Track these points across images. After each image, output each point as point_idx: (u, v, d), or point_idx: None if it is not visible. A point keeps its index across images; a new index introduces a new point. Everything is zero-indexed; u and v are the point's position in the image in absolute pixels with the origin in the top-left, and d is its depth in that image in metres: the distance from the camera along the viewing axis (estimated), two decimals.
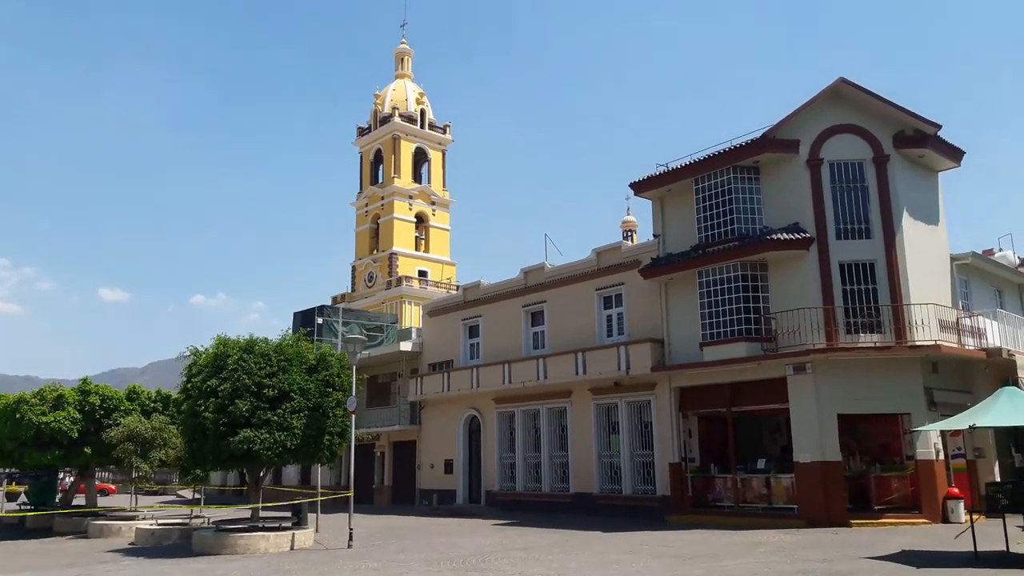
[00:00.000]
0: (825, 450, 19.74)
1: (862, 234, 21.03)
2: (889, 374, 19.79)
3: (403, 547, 18.01)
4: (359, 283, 55.17)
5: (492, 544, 17.94)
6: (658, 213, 24.73)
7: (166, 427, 24.76)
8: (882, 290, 20.49)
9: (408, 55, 59.79)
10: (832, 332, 20.08)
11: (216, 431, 18.13)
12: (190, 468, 20.92)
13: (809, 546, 15.69)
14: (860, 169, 21.38)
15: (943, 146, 21.96)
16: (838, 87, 21.40)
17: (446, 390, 30.91)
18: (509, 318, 29.87)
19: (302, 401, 18.92)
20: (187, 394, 19.75)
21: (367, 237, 55.83)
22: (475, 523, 23.98)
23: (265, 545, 18.03)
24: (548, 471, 27.51)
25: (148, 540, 20.75)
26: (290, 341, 20.31)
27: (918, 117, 21.12)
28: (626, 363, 24.12)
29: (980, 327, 21.58)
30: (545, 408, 27.84)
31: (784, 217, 21.47)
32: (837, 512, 19.25)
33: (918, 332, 19.85)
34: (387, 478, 35.38)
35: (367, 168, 57.40)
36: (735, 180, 22.08)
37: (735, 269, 21.51)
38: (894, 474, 20.52)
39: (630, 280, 25.33)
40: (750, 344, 21.09)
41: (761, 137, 21.60)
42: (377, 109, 57.17)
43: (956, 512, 18.98)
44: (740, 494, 21.64)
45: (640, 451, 24.78)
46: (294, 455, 19.15)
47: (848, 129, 21.48)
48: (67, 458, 25.99)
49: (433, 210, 56.04)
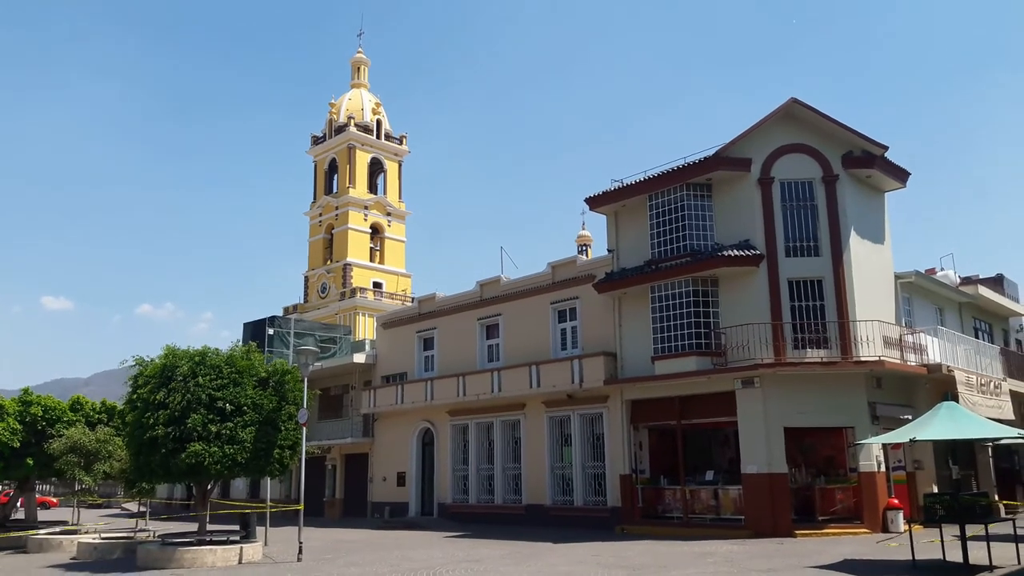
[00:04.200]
0: (772, 462, 20.12)
1: (811, 252, 21.54)
2: (835, 389, 20.29)
3: (353, 560, 17.86)
4: (312, 294, 54.67)
5: (444, 556, 17.91)
6: (612, 228, 25.02)
7: (111, 439, 24.21)
8: (829, 306, 21.00)
9: (365, 64, 59.63)
10: (780, 347, 20.52)
11: (166, 444, 17.79)
12: (136, 481, 20.48)
13: (755, 556, 15.98)
14: (810, 188, 21.92)
15: (890, 167, 22.62)
16: (790, 107, 21.92)
17: (400, 402, 30.77)
18: (464, 331, 29.88)
19: (254, 415, 18.68)
20: (132, 405, 19.33)
21: (320, 247, 55.39)
22: (428, 536, 23.88)
23: (212, 559, 17.72)
24: (501, 483, 27.54)
25: (91, 555, 20.22)
26: (241, 353, 20.03)
27: (866, 138, 21.73)
28: (579, 376, 24.32)
29: (922, 343, 22.23)
30: (499, 420, 27.89)
31: (735, 234, 21.89)
32: (783, 523, 19.63)
33: (863, 348, 20.39)
34: (339, 491, 35.02)
35: (321, 177, 57.00)
36: (688, 197, 22.47)
37: (687, 284, 21.86)
38: (838, 486, 21.01)
39: (584, 294, 25.57)
40: (700, 358, 21.43)
41: (714, 155, 22.02)
42: (332, 118, 56.88)
43: (896, 522, 19.50)
44: (689, 505, 21.93)
45: (592, 463, 24.96)
46: (244, 468, 18.87)
47: (799, 149, 21.99)
48: (6, 470, 25.26)
49: (388, 221, 55.87)
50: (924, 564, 13.55)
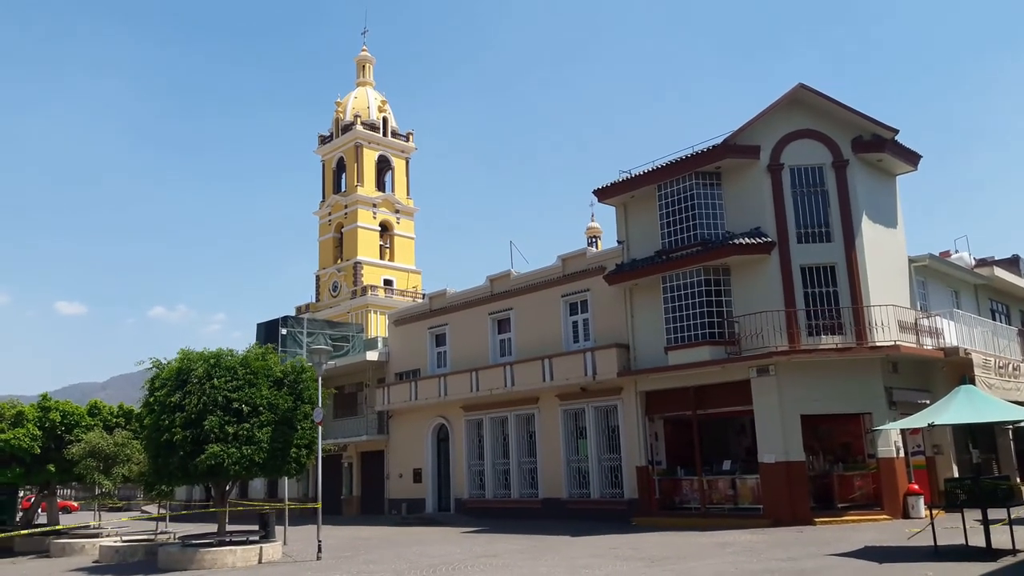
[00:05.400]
0: (789, 450, 20.04)
1: (822, 238, 21.42)
2: (850, 375, 20.17)
3: (372, 558, 17.91)
4: (324, 293, 54.81)
5: (462, 552, 17.93)
6: (622, 219, 24.94)
7: (129, 442, 24.34)
8: (843, 292, 20.88)
9: (370, 62, 59.64)
10: (794, 334, 20.41)
11: (184, 447, 17.88)
12: (155, 484, 20.59)
13: (775, 545, 15.91)
14: (820, 174, 21.78)
15: (900, 150, 22.44)
16: (797, 93, 21.78)
17: (413, 399, 30.82)
18: (476, 326, 29.88)
19: (270, 415, 18.75)
20: (150, 408, 19.42)
21: (331, 246, 55.51)
22: (445, 531, 23.92)
23: (233, 559, 17.81)
24: (517, 477, 27.55)
25: (113, 558, 20.38)
26: (256, 354, 20.09)
27: (875, 122, 21.57)
28: (592, 368, 24.28)
29: (938, 327, 22.07)
30: (513, 415, 27.90)
31: (746, 222, 21.78)
32: (801, 511, 19.56)
33: (878, 333, 20.26)
34: (355, 489, 35.15)
35: (329, 177, 57.09)
36: (697, 186, 22.37)
37: (698, 274, 21.77)
38: (856, 472, 20.92)
39: (595, 286, 25.51)
40: (714, 347, 21.36)
41: (722, 143, 21.90)
42: (339, 117, 56.92)
43: (916, 508, 19.40)
44: (706, 496, 21.88)
45: (607, 455, 24.94)
46: (262, 469, 18.94)
47: (808, 134, 21.85)
48: (28, 476, 25.46)
49: (397, 218, 55.91)
50: (946, 549, 13.44)
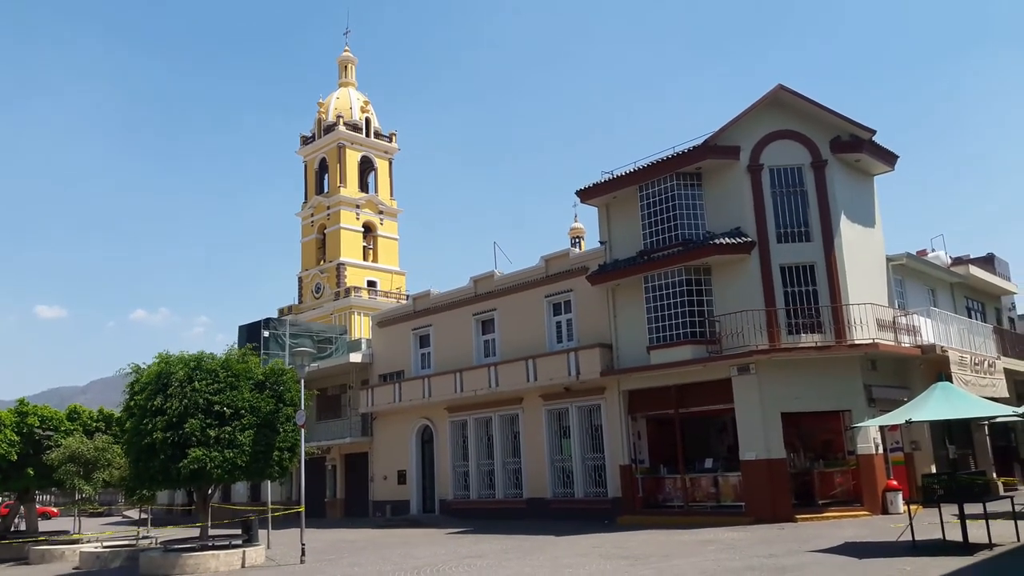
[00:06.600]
0: (770, 448, 20.21)
1: (802, 237, 21.60)
2: (830, 373, 20.37)
3: (357, 560, 17.90)
4: (306, 294, 54.54)
5: (447, 553, 17.96)
6: (604, 220, 25.05)
7: (109, 447, 24.14)
8: (822, 291, 21.08)
9: (352, 63, 59.38)
10: (774, 333, 20.59)
11: (165, 450, 17.76)
12: (136, 488, 20.44)
13: (757, 542, 16.06)
14: (799, 174, 21.97)
15: (878, 150, 22.70)
16: (777, 94, 21.95)
17: (397, 401, 30.79)
18: (460, 327, 29.90)
19: (252, 418, 18.66)
20: (130, 412, 19.29)
21: (313, 248, 55.24)
22: (430, 533, 23.93)
23: (215, 564, 17.73)
24: (501, 478, 27.59)
25: (93, 564, 20.24)
26: (237, 356, 19.99)
27: (853, 122, 21.80)
28: (576, 368, 24.37)
29: (915, 325, 22.34)
30: (497, 415, 27.94)
31: (726, 222, 21.94)
32: (783, 508, 19.72)
33: (857, 331, 20.47)
34: (339, 491, 35.05)
35: (311, 178, 56.78)
36: (678, 187, 22.50)
37: (679, 274, 21.91)
38: (836, 469, 21.13)
39: (578, 287, 25.60)
40: (695, 347, 21.50)
41: (703, 144, 22.05)
42: (321, 118, 56.64)
43: (895, 503, 19.61)
44: (689, 494, 22.02)
45: (591, 454, 25.04)
46: (244, 472, 18.85)
47: (787, 135, 22.04)
48: (6, 482, 25.22)
49: (381, 219, 55.71)
50: (924, 544, 13.64)
